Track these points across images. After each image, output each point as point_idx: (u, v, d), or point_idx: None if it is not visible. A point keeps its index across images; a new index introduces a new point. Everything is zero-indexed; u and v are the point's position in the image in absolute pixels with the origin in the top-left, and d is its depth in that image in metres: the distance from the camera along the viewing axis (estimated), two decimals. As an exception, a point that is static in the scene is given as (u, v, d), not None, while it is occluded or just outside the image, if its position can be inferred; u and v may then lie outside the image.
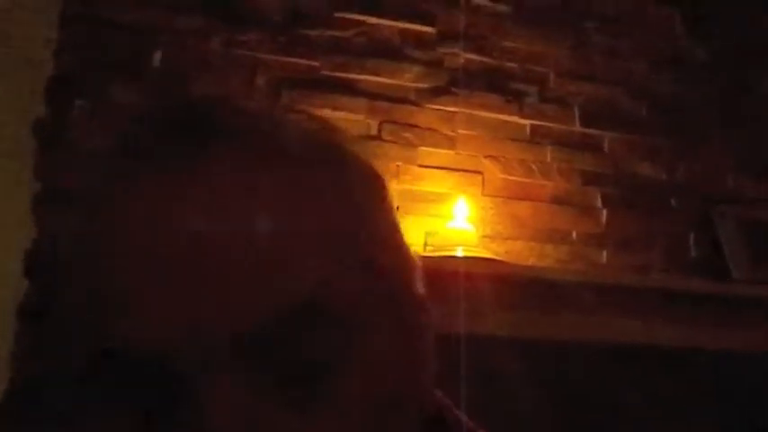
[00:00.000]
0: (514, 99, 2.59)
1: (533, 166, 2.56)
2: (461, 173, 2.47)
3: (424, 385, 0.51)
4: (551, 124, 2.62)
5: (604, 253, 2.58)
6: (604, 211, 2.62)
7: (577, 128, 2.65)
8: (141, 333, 0.43)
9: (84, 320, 0.46)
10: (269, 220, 0.45)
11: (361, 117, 2.41)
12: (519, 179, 2.54)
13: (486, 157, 2.52)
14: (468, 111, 2.52)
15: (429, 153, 2.45)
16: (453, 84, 2.52)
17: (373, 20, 2.50)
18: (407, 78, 2.51)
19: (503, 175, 2.52)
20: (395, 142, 2.43)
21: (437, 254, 2.24)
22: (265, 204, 0.45)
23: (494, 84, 2.58)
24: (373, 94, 2.45)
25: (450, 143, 2.49)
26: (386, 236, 0.51)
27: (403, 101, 2.48)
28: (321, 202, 0.47)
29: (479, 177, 2.49)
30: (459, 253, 2.22)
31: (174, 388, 0.43)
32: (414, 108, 2.48)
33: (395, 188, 2.29)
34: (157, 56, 2.29)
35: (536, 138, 2.59)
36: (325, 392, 0.44)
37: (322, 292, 0.44)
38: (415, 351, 0.50)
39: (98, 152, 0.51)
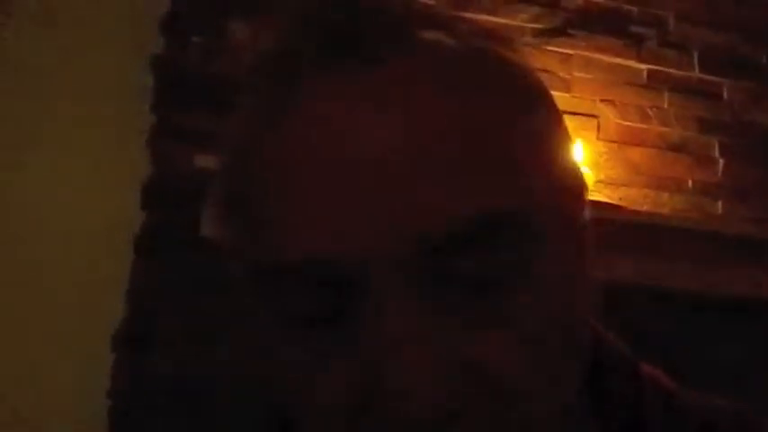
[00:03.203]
0: (632, 42, 2.53)
1: (650, 112, 2.50)
2: (576, 116, 2.42)
3: (587, 313, 0.50)
4: (670, 69, 2.55)
5: (720, 203, 2.52)
6: (721, 161, 2.55)
7: (696, 74, 2.57)
8: (319, 240, 0.42)
9: (262, 232, 0.45)
10: (458, 128, 0.43)
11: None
12: (635, 124, 2.48)
13: (601, 101, 2.47)
14: (584, 53, 2.47)
15: (544, 95, 2.41)
16: (570, 25, 2.47)
17: (490, -42, 2.46)
18: (523, 18, 2.46)
19: (618, 120, 2.47)
20: (509, 83, 2.39)
21: (551, 197, 2.21)
22: (449, 111, 0.44)
23: (612, 26, 2.52)
24: (489, 34, 2.41)
25: (566, 86, 2.44)
26: (565, 157, 0.50)
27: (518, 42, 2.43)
28: (503, 114, 0.45)
29: (594, 121, 2.44)
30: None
31: (348, 295, 0.43)
32: (529, 49, 2.43)
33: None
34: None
35: (653, 83, 2.53)
36: (500, 309, 0.43)
37: (507, 208, 0.43)
38: (585, 278, 0.49)
39: (259, 57, 0.50)
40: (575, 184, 0.50)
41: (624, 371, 0.55)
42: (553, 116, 0.50)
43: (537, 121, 0.48)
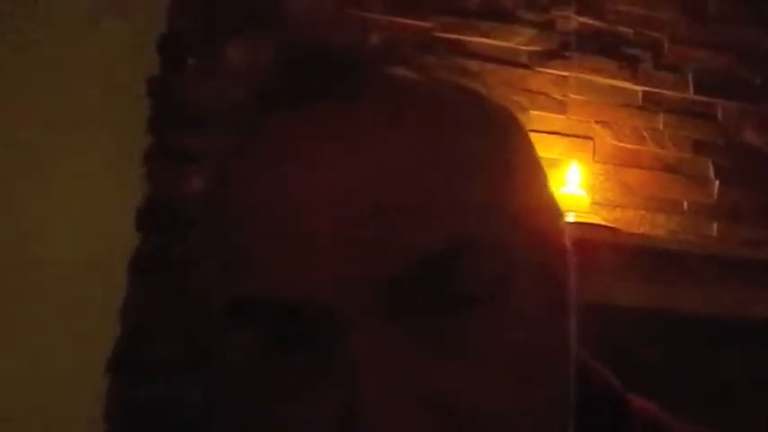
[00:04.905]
0: (628, 64, 2.54)
1: (645, 134, 2.51)
2: (572, 138, 2.43)
3: (568, 340, 0.49)
4: (664, 91, 2.55)
5: (715, 225, 2.52)
6: (716, 182, 2.55)
7: (691, 95, 2.58)
8: (287, 278, 0.43)
9: (228, 269, 0.46)
10: (417, 163, 0.44)
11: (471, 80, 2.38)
12: (630, 146, 2.49)
13: (597, 122, 2.47)
14: (579, 75, 2.48)
15: (540, 117, 2.42)
16: (566, 47, 2.48)
17: (486, -19, 2.47)
18: (519, 41, 2.47)
19: (614, 142, 2.48)
20: (505, 106, 2.39)
21: (547, 219, 2.21)
22: (414, 147, 0.45)
23: (607, 48, 2.53)
24: (485, 57, 2.42)
25: (561, 108, 2.45)
26: (533, 182, 0.50)
27: (514, 64, 2.44)
28: (470, 148, 0.46)
29: (590, 143, 2.45)
30: (571, 219, 2.19)
31: (316, 326, 0.43)
32: (525, 71, 2.45)
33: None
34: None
35: (648, 104, 2.54)
36: (468, 337, 0.43)
37: (468, 236, 0.43)
38: (561, 303, 0.48)
39: (233, 100, 0.52)
40: (547, 212, 0.50)
41: (613, 405, 0.54)
42: (524, 150, 0.51)
43: (504, 152, 0.48)
